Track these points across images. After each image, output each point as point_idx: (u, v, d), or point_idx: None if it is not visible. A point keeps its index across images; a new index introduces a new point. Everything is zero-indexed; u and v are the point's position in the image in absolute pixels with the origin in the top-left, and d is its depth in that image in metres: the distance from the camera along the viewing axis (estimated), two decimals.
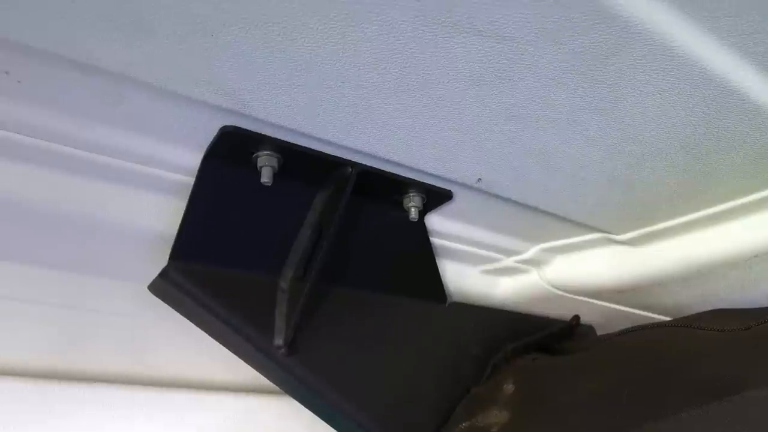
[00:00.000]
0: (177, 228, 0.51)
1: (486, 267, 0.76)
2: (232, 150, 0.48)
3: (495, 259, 0.74)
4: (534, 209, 0.60)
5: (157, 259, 0.54)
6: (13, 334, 0.65)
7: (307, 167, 0.51)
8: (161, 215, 0.55)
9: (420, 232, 0.64)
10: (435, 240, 0.67)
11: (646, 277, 0.69)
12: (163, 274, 0.50)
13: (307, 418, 0.59)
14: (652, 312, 0.79)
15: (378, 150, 0.49)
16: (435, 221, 0.64)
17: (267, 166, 0.48)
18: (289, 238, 0.55)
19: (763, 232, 0.57)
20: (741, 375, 0.49)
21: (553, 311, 0.81)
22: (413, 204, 0.57)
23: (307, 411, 0.58)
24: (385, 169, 0.53)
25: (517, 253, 0.73)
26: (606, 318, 0.82)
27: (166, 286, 0.50)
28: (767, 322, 0.54)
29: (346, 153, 0.51)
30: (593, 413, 0.55)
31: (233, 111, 0.43)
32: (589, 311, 0.80)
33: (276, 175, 0.49)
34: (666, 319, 0.76)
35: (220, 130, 0.45)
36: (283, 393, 0.75)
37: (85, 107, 0.43)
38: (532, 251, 0.72)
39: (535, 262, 0.75)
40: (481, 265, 0.76)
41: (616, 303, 0.78)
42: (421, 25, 0.34)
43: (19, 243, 0.56)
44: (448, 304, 0.69)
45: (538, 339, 0.74)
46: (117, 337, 0.72)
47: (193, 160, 0.50)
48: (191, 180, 0.51)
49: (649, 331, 0.65)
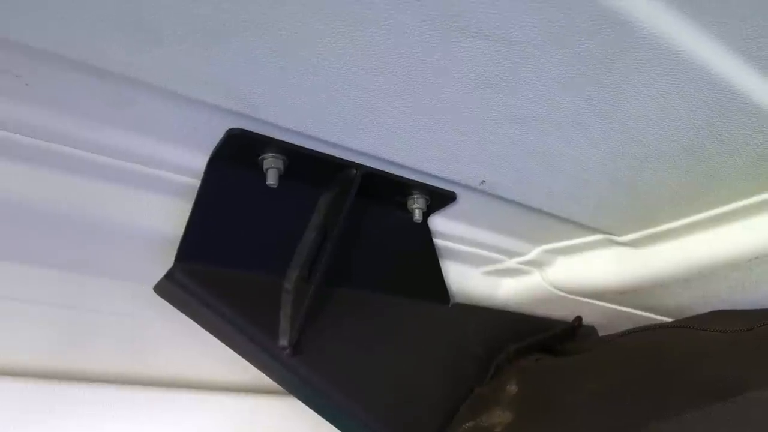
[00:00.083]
0: (181, 229, 0.51)
1: (488, 268, 0.76)
2: (238, 152, 0.48)
3: (497, 261, 0.74)
4: (536, 211, 0.60)
5: (161, 260, 0.54)
6: (16, 334, 0.65)
7: (312, 169, 0.51)
8: (166, 216, 0.55)
9: (423, 233, 0.64)
10: (438, 241, 0.67)
11: (647, 278, 0.69)
12: (169, 276, 0.50)
13: (311, 418, 0.60)
14: (653, 313, 0.80)
15: (382, 152, 0.50)
16: (438, 222, 0.65)
17: (273, 168, 0.48)
18: (294, 240, 0.56)
19: (764, 234, 0.57)
20: (743, 376, 0.49)
21: (555, 312, 0.82)
22: (417, 205, 0.57)
23: (311, 411, 0.58)
24: (389, 171, 0.53)
25: (520, 254, 0.73)
26: (608, 319, 0.83)
27: (171, 287, 0.50)
28: None
29: (350, 155, 0.51)
30: (596, 414, 0.55)
31: (240, 113, 0.43)
32: (590, 312, 0.81)
33: (281, 177, 0.49)
34: (667, 320, 0.77)
35: (227, 132, 0.46)
36: (285, 393, 0.76)
37: (94, 110, 0.43)
38: (535, 252, 0.73)
39: (537, 264, 0.75)
40: (484, 267, 0.76)
41: (618, 304, 0.79)
42: (428, 30, 0.34)
43: (25, 243, 0.57)
44: (451, 305, 0.69)
45: (541, 340, 0.74)
46: (119, 337, 0.72)
47: (198, 161, 0.50)
48: (196, 182, 0.52)
49: (651, 332, 0.65)
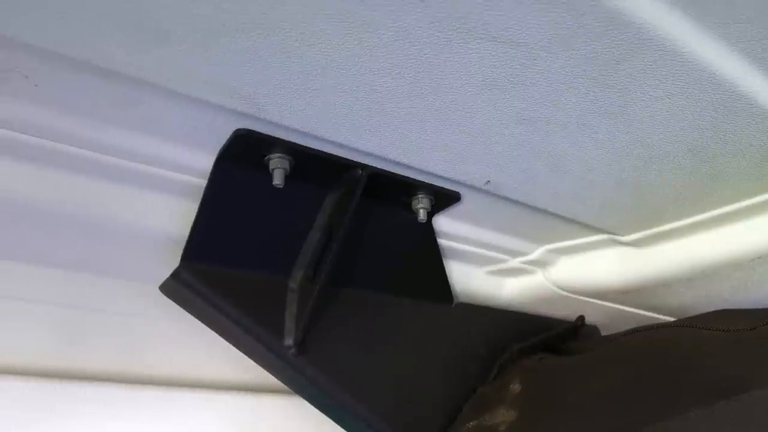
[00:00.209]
0: (186, 229, 0.51)
1: (492, 268, 0.77)
2: (245, 152, 0.48)
3: (501, 260, 0.74)
4: (540, 211, 0.61)
5: (165, 259, 0.54)
6: (21, 333, 0.66)
7: (318, 169, 0.52)
8: (171, 216, 0.55)
9: (428, 233, 0.64)
10: (442, 241, 0.67)
11: (650, 277, 0.69)
12: (175, 275, 0.50)
13: (314, 417, 0.60)
14: (656, 312, 0.80)
15: (388, 153, 0.50)
16: (442, 222, 0.65)
17: (279, 168, 0.48)
18: (299, 240, 0.56)
19: (766, 234, 0.57)
20: (747, 375, 0.49)
21: (558, 312, 0.82)
22: (422, 206, 0.58)
23: (314, 410, 0.58)
24: (394, 172, 0.54)
25: (523, 254, 0.73)
26: (610, 318, 0.83)
27: (177, 286, 0.51)
28: None
29: (356, 155, 0.51)
30: (600, 412, 0.55)
31: (245, 114, 0.44)
32: (593, 312, 0.81)
33: (287, 177, 0.50)
34: (670, 319, 0.77)
35: (234, 132, 0.46)
36: (289, 392, 0.76)
37: (100, 110, 0.44)
38: (538, 252, 0.73)
39: (540, 263, 0.76)
40: (488, 266, 0.76)
41: (621, 304, 0.79)
42: (436, 32, 0.35)
43: (31, 243, 0.57)
44: (454, 304, 0.70)
45: (544, 339, 0.74)
46: (123, 336, 0.72)
47: (203, 161, 0.51)
48: (201, 181, 0.52)
49: (655, 332, 0.65)
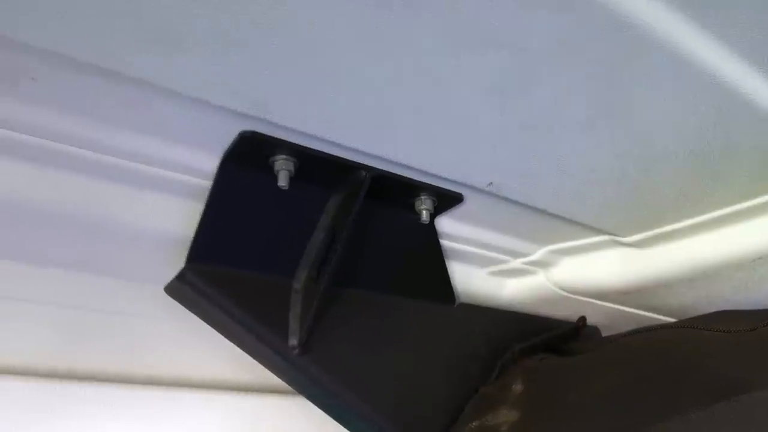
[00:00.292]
0: (189, 230, 0.52)
1: (494, 268, 0.77)
2: (250, 154, 0.49)
3: (502, 261, 0.75)
4: (542, 212, 0.61)
5: (169, 260, 0.54)
6: (27, 334, 0.66)
7: (322, 171, 0.52)
8: (175, 217, 0.56)
9: (430, 234, 0.65)
10: (444, 242, 0.67)
11: (651, 278, 0.69)
12: (180, 277, 0.51)
13: (317, 417, 0.60)
14: (657, 313, 0.80)
15: (392, 155, 0.50)
16: (445, 223, 0.65)
17: (284, 170, 0.48)
18: (303, 241, 0.56)
19: (767, 235, 0.58)
20: (747, 376, 0.50)
21: (559, 312, 0.82)
22: (424, 207, 0.58)
23: (317, 411, 0.59)
24: (398, 173, 0.54)
25: (525, 254, 0.74)
26: (611, 319, 0.83)
27: (182, 287, 0.51)
28: None
29: (360, 157, 0.51)
30: (601, 413, 0.55)
31: (251, 116, 0.44)
32: (594, 312, 0.81)
33: (291, 179, 0.50)
34: (671, 320, 0.77)
35: (239, 134, 0.46)
36: (292, 393, 0.76)
37: (107, 113, 0.44)
38: (540, 253, 0.73)
39: (542, 264, 0.76)
40: (489, 267, 0.77)
41: (622, 304, 0.79)
42: (443, 38, 0.35)
43: (37, 245, 0.57)
44: (456, 305, 0.70)
45: (546, 339, 0.74)
46: (125, 336, 0.72)
47: (208, 163, 0.51)
48: (205, 182, 0.52)
49: (656, 333, 0.65)
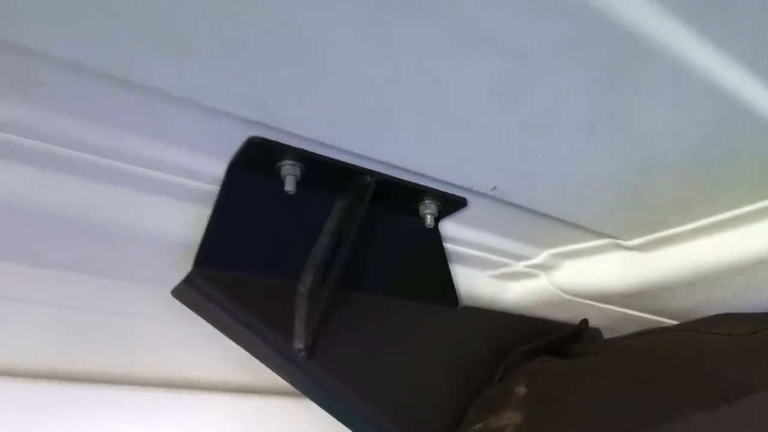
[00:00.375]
0: (195, 234, 0.52)
1: (497, 272, 0.77)
2: (257, 159, 0.49)
3: (505, 264, 0.75)
4: (545, 216, 0.62)
5: (174, 263, 0.55)
6: (27, 335, 0.67)
7: (328, 176, 0.53)
8: (181, 221, 0.56)
9: (434, 238, 0.65)
10: (448, 245, 0.68)
11: (653, 281, 0.70)
12: (188, 280, 0.51)
13: (321, 419, 0.61)
14: (658, 316, 0.81)
15: (397, 159, 0.51)
16: (449, 227, 0.66)
17: (290, 175, 0.49)
18: (309, 245, 0.57)
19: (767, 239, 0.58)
20: (749, 378, 0.50)
21: (561, 315, 0.83)
22: (429, 211, 0.59)
23: (321, 413, 0.59)
24: (402, 178, 0.55)
25: (527, 258, 0.74)
26: (612, 321, 0.84)
27: (189, 291, 0.52)
28: None
29: (365, 162, 0.52)
30: (603, 416, 0.56)
31: (259, 122, 0.45)
32: (596, 315, 0.82)
33: (298, 184, 0.50)
34: (672, 322, 0.78)
35: (248, 140, 0.47)
36: (295, 394, 0.77)
37: (116, 118, 0.44)
38: (542, 256, 0.74)
39: (544, 267, 0.76)
40: (492, 270, 0.77)
41: (623, 307, 0.80)
42: (446, 43, 0.35)
43: (45, 248, 0.58)
44: (459, 308, 0.71)
45: (548, 342, 0.75)
46: (127, 338, 0.73)
47: (215, 168, 0.51)
48: (209, 187, 0.53)
49: (657, 335, 0.66)
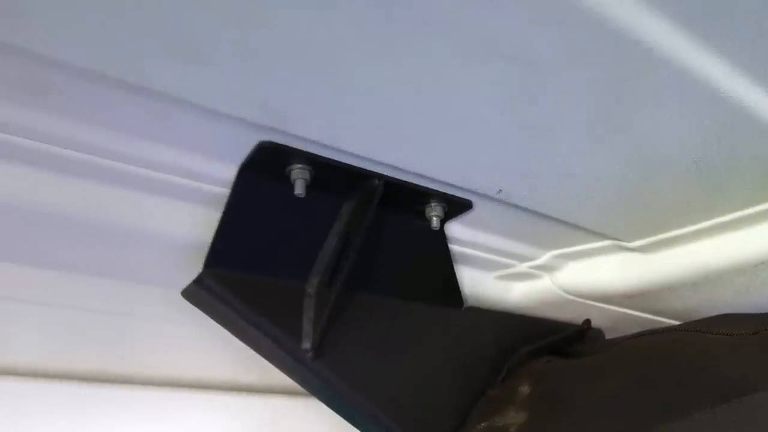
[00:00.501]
0: (204, 236, 0.53)
1: (501, 273, 0.78)
2: (267, 163, 0.50)
3: (509, 265, 0.76)
4: (548, 218, 0.62)
5: (184, 265, 0.56)
6: (28, 336, 0.67)
7: (336, 179, 0.53)
8: (191, 224, 0.57)
9: (440, 240, 0.66)
10: (453, 247, 0.69)
11: (655, 282, 0.71)
12: (198, 281, 0.52)
13: (328, 419, 0.62)
14: (660, 316, 0.82)
15: (404, 163, 0.52)
16: (454, 229, 0.67)
17: (300, 178, 0.50)
18: (317, 247, 0.58)
19: None
20: (750, 378, 0.51)
21: (564, 315, 0.84)
22: (435, 213, 0.59)
23: (328, 412, 0.60)
24: (409, 181, 0.55)
25: (531, 259, 0.75)
26: (614, 322, 0.85)
27: (200, 292, 0.52)
28: None
29: (373, 165, 0.53)
30: (605, 415, 0.57)
31: (269, 127, 0.45)
32: (599, 315, 0.82)
33: (307, 187, 0.51)
34: (674, 323, 0.79)
35: (258, 144, 0.48)
36: (300, 394, 0.78)
37: (128, 123, 0.45)
38: (545, 257, 0.75)
39: (547, 268, 0.77)
40: (496, 271, 0.78)
41: (626, 307, 0.81)
42: (455, 52, 0.36)
43: (52, 249, 0.59)
44: (464, 308, 0.71)
45: (551, 342, 0.76)
46: (136, 338, 0.74)
47: (225, 172, 0.52)
48: (218, 189, 0.53)
49: (659, 335, 0.67)
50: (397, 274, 0.65)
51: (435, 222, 0.60)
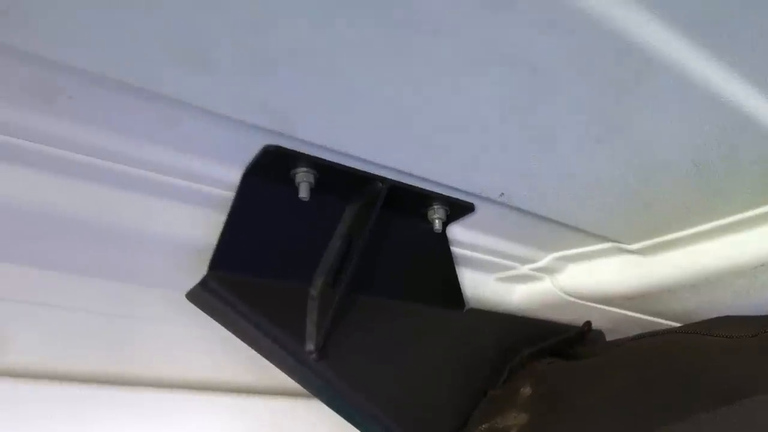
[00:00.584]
0: (208, 238, 0.53)
1: (502, 275, 0.79)
2: (272, 167, 0.50)
3: (511, 267, 0.77)
4: (550, 220, 0.63)
5: (188, 267, 0.56)
6: (30, 336, 0.67)
7: (340, 182, 0.54)
8: (195, 226, 0.57)
9: (442, 242, 0.67)
10: (455, 249, 0.69)
11: (655, 284, 0.71)
12: (203, 284, 0.52)
13: (330, 420, 0.62)
14: (660, 318, 0.82)
15: (407, 166, 0.52)
16: (456, 232, 0.67)
17: (305, 182, 0.50)
18: (320, 249, 0.58)
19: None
20: (750, 380, 0.51)
21: (565, 317, 0.84)
22: (437, 216, 0.60)
23: (330, 414, 0.60)
24: (412, 184, 0.56)
25: (532, 261, 0.76)
26: (615, 323, 0.85)
27: (204, 294, 0.53)
28: None
29: (376, 169, 0.53)
30: (606, 416, 0.57)
31: (275, 131, 0.46)
32: (599, 317, 0.83)
33: (311, 190, 0.52)
34: (674, 324, 0.79)
35: (264, 148, 0.48)
36: (302, 395, 0.78)
37: (139, 128, 0.46)
38: (546, 260, 0.75)
39: (548, 270, 0.78)
40: (498, 273, 0.79)
41: (626, 309, 0.81)
42: (462, 58, 0.37)
43: (67, 253, 0.59)
44: (466, 310, 0.72)
45: (553, 344, 0.76)
46: (138, 340, 0.74)
47: (230, 175, 0.53)
48: (224, 193, 0.54)
49: (660, 337, 0.67)
50: (400, 276, 0.65)
51: (437, 225, 0.60)
